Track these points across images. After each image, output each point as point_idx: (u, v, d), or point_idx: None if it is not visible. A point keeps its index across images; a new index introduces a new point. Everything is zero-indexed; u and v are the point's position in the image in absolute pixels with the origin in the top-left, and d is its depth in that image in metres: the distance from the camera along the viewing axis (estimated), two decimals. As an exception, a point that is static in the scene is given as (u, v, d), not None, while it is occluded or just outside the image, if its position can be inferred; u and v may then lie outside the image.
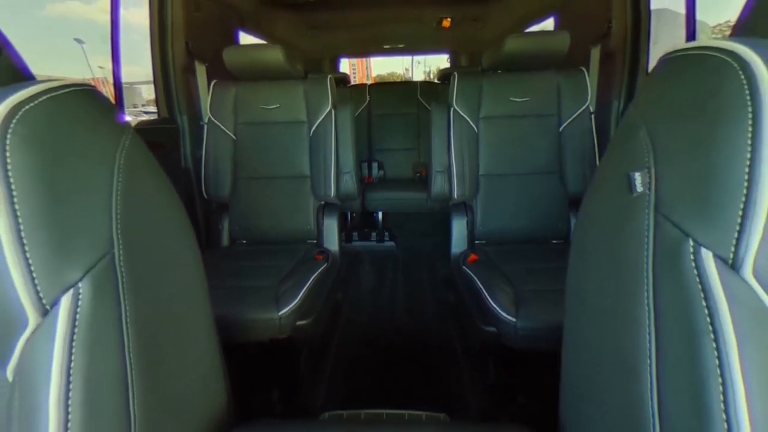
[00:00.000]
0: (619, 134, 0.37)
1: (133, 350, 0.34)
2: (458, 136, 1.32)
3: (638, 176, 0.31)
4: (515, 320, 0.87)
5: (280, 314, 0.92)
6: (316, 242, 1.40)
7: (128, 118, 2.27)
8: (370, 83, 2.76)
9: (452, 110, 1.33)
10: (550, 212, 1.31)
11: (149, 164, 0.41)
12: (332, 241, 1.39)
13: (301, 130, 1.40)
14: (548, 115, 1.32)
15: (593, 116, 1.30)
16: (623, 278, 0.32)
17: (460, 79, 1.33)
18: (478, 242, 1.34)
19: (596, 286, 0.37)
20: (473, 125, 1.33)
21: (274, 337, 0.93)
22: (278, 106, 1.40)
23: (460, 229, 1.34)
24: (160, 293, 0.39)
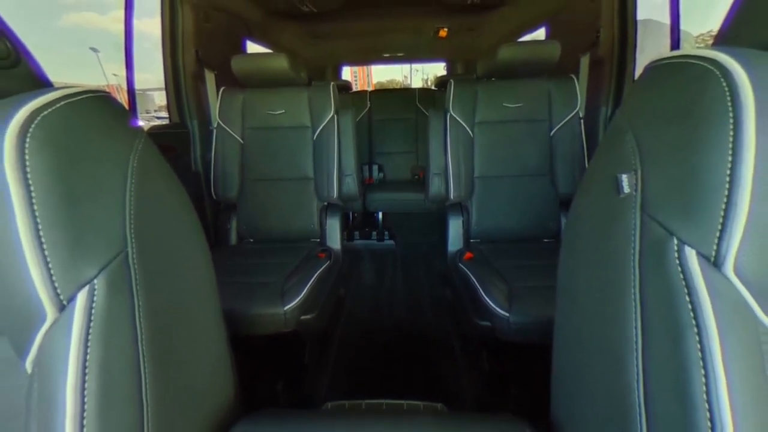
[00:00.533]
0: (607, 138, 0.37)
1: (145, 342, 0.34)
2: (454, 140, 1.32)
3: (625, 178, 0.31)
4: (509, 315, 0.87)
5: (285, 309, 0.92)
6: (319, 241, 1.41)
7: (141, 123, 2.28)
8: (370, 90, 2.76)
9: (449, 116, 1.33)
10: (541, 212, 1.31)
11: (161, 167, 0.42)
12: (335, 240, 1.39)
13: (305, 134, 1.40)
14: (540, 120, 1.32)
15: (582, 121, 1.30)
16: (611, 275, 0.32)
17: (456, 86, 1.33)
18: (473, 241, 1.34)
19: (585, 282, 0.37)
20: (469, 130, 1.33)
21: (279, 330, 0.93)
22: (284, 111, 1.40)
23: (456, 228, 1.34)
24: (171, 289, 0.39)
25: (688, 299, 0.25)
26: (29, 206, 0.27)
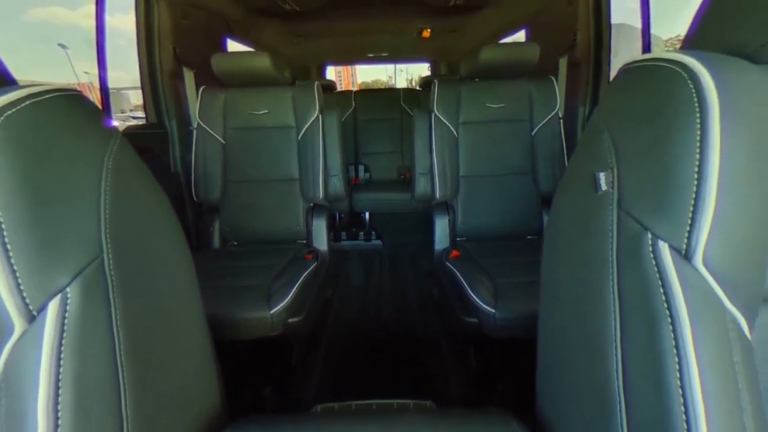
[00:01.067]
0: (585, 138, 0.38)
1: (124, 351, 0.33)
2: (439, 140, 1.33)
3: (603, 176, 0.33)
4: (494, 311, 0.88)
5: (271, 312, 0.90)
6: (305, 242, 1.39)
7: (116, 122, 2.18)
8: (355, 90, 2.75)
9: (433, 116, 1.34)
10: (524, 210, 1.35)
11: (138, 168, 0.40)
12: (321, 241, 1.38)
13: (289, 134, 1.38)
14: (521, 120, 1.36)
15: (562, 121, 1.35)
16: (590, 269, 0.33)
17: (440, 86, 1.35)
18: (459, 239, 1.36)
19: (567, 277, 0.38)
20: (453, 130, 1.34)
21: (266, 334, 0.92)
22: (267, 111, 1.37)
23: (442, 227, 1.35)
24: (151, 294, 0.38)
25: (662, 291, 0.26)
26: None
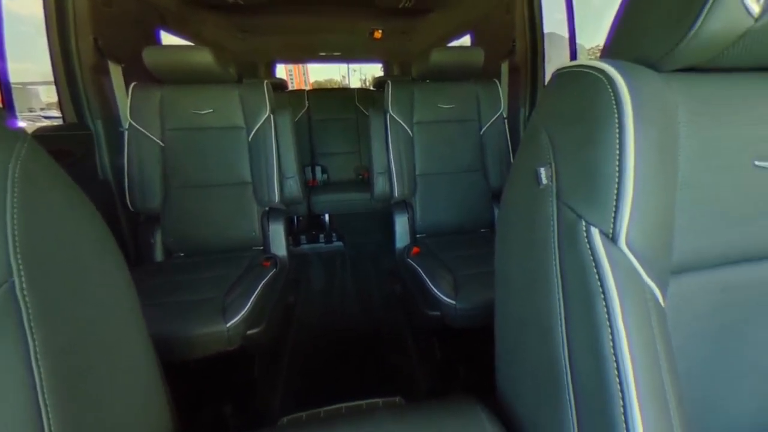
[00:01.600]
0: (526, 136, 0.42)
1: (48, 390, 0.28)
2: (395, 139, 1.36)
3: (543, 171, 0.36)
4: (455, 302, 0.92)
5: (228, 326, 0.84)
6: (262, 248, 1.32)
7: (23, 123, 1.87)
8: (308, 89, 2.68)
9: (388, 116, 1.36)
10: (477, 205, 1.43)
11: (55, 175, 0.35)
12: (279, 246, 1.32)
13: (238, 135, 1.30)
14: (470, 120, 1.43)
15: (506, 121, 1.45)
16: (536, 256, 0.36)
17: (393, 87, 1.37)
18: (419, 236, 1.40)
19: (517, 265, 0.41)
20: (408, 129, 1.38)
21: (223, 349, 0.86)
22: (212, 110, 1.28)
23: (402, 225, 1.38)
24: (79, 320, 0.33)
25: (595, 271, 0.30)
26: None
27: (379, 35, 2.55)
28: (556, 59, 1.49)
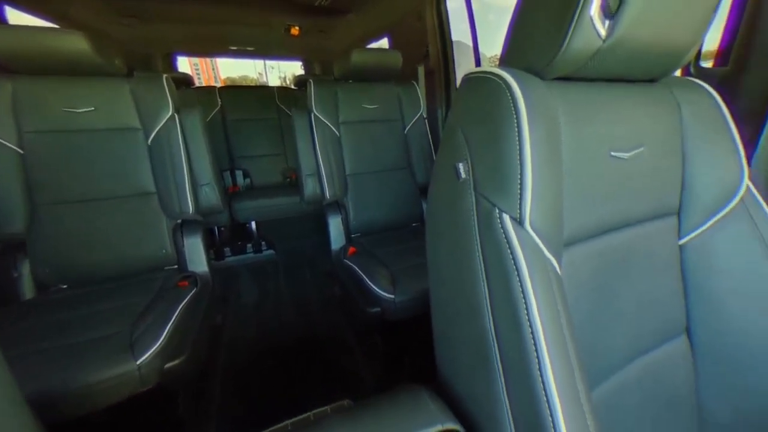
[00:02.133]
0: (445, 135, 0.45)
1: None
2: (322, 140, 1.33)
3: (461, 166, 0.40)
4: (394, 297, 0.95)
5: (139, 363, 0.71)
6: (177, 267, 1.16)
7: None
8: (220, 86, 2.43)
9: (313, 115, 1.32)
10: (406, 201, 1.50)
11: None
12: (199, 262, 1.17)
13: (134, 138, 1.11)
14: (394, 120, 1.49)
15: (427, 121, 1.55)
16: (462, 243, 0.40)
17: (316, 86, 1.34)
18: (354, 235, 1.40)
19: (446, 252, 0.45)
20: (335, 129, 1.36)
21: (135, 391, 0.72)
22: (93, 109, 1.06)
23: (336, 226, 1.36)
24: None
25: (509, 251, 0.34)
26: None
27: (296, 32, 2.45)
28: (465, 64, 1.65)
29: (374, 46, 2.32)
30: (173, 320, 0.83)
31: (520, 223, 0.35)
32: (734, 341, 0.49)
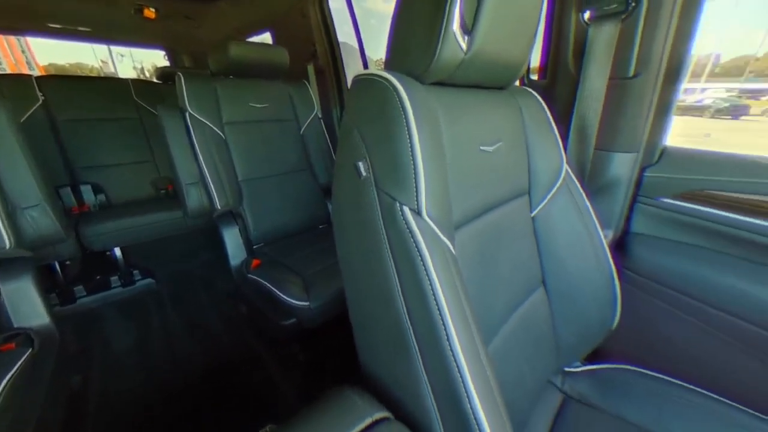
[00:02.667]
0: (342, 135, 0.46)
1: None
2: (204, 143, 1.15)
3: (361, 164, 0.41)
4: (309, 303, 0.92)
5: None
6: None
7: None
8: (39, 75, 1.82)
9: (188, 115, 1.14)
10: (310, 203, 1.45)
11: None
12: (32, 313, 0.87)
13: None
14: (288, 120, 1.42)
15: (322, 120, 1.53)
16: (369, 237, 0.42)
17: (188, 81, 1.15)
18: (256, 246, 1.28)
19: (356, 249, 0.46)
20: (218, 131, 1.20)
21: None
22: None
23: (233, 238, 1.22)
24: None
25: (412, 240, 0.38)
26: None
27: (151, 14, 2.04)
28: (353, 65, 1.70)
29: (256, 40, 2.14)
30: None
31: (418, 213, 0.38)
32: (569, 282, 0.66)
